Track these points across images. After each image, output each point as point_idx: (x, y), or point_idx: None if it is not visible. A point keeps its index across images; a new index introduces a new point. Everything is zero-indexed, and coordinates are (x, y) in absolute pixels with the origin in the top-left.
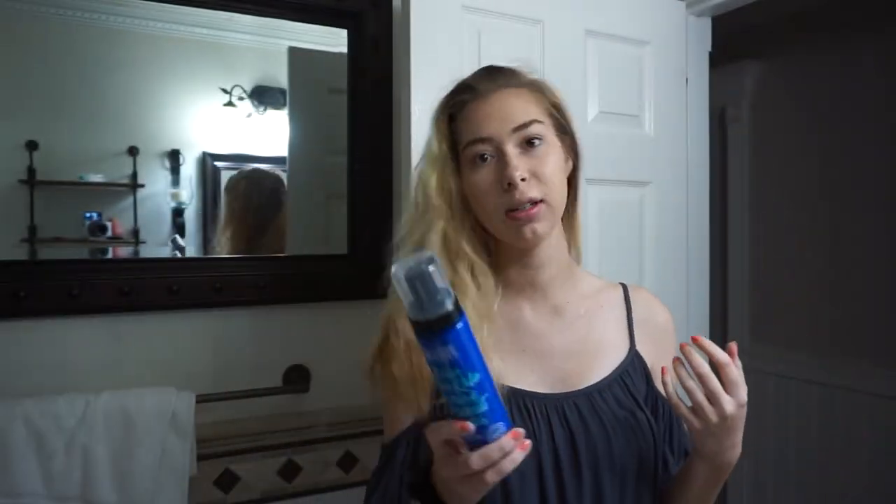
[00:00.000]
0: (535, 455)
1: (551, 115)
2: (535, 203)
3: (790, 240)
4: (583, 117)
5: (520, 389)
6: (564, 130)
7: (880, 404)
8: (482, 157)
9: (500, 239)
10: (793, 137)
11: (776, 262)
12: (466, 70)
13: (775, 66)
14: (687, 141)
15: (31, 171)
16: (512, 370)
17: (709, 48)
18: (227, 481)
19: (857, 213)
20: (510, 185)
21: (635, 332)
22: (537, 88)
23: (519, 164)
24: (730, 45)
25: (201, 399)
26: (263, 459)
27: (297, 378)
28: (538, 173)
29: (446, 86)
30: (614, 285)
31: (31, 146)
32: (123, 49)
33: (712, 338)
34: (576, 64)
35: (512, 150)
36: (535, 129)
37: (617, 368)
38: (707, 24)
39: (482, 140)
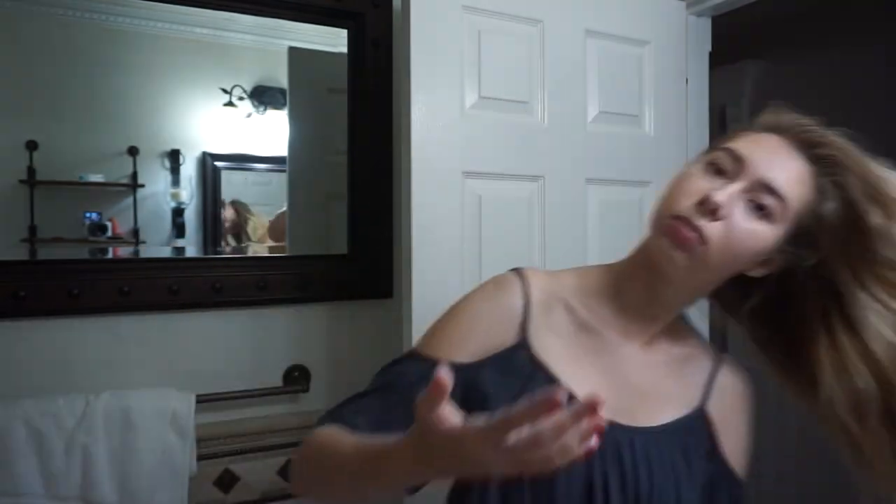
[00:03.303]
0: (586, 477)
1: (802, 217)
2: (699, 234)
3: None
4: (583, 117)
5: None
6: (797, 243)
7: None
8: (719, 164)
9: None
10: None
11: None
12: (466, 70)
13: (775, 66)
14: (687, 141)
15: (31, 171)
16: (587, 382)
17: (709, 48)
18: (227, 481)
19: None
20: (705, 201)
21: (710, 394)
22: (826, 178)
23: (732, 201)
24: (730, 45)
25: (201, 399)
26: (263, 459)
27: (297, 378)
28: (735, 228)
29: (445, 86)
30: (712, 354)
31: (31, 146)
32: (123, 49)
33: (712, 338)
34: (576, 64)
35: (739, 188)
36: (774, 203)
37: (681, 419)
38: (707, 24)
39: (735, 157)
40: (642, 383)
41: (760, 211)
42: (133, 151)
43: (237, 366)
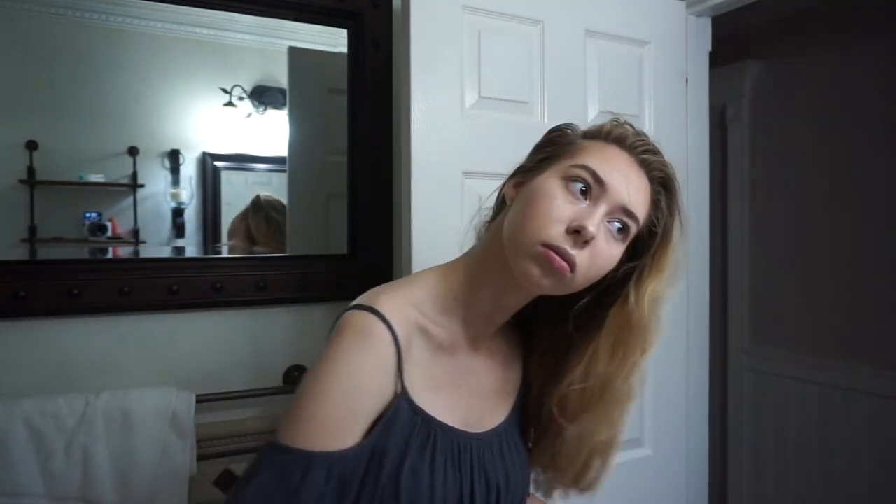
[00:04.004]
0: (457, 491)
1: (645, 228)
2: (571, 264)
3: (790, 239)
4: (583, 117)
5: (450, 427)
6: (637, 252)
7: (880, 404)
8: (580, 184)
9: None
10: (793, 137)
11: (776, 262)
12: (466, 70)
13: (775, 66)
14: (687, 141)
15: (31, 171)
16: (445, 406)
17: (709, 48)
18: (227, 481)
19: (856, 212)
20: (582, 231)
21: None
22: (665, 197)
23: (599, 231)
24: (730, 45)
25: (201, 399)
26: None
27: (297, 378)
28: (599, 254)
29: (445, 86)
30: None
31: (31, 146)
32: (123, 49)
33: (712, 338)
34: (576, 64)
35: (603, 211)
36: (632, 224)
37: (514, 404)
38: (707, 24)
39: (596, 178)
40: (487, 387)
41: (618, 232)
42: (133, 151)
43: (237, 366)
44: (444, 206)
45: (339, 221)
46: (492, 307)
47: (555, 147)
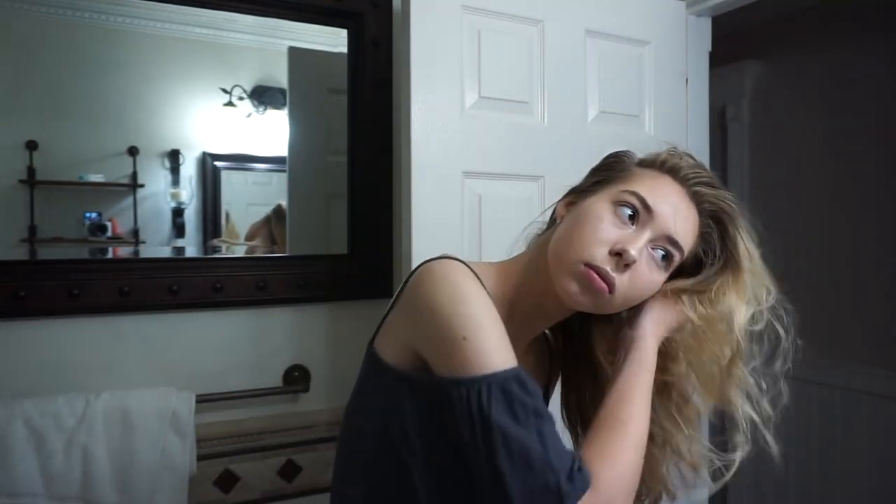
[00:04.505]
0: None
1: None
2: (611, 285)
3: (789, 238)
4: (583, 117)
5: None
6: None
7: (880, 404)
8: (628, 210)
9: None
10: (792, 137)
11: (775, 261)
12: (466, 70)
13: (775, 66)
14: (687, 141)
15: (31, 171)
16: None
17: (709, 48)
18: (227, 481)
19: (856, 212)
20: (624, 255)
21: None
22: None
23: (641, 256)
24: (730, 45)
25: (201, 399)
26: (263, 459)
27: (297, 378)
28: (639, 278)
29: (445, 86)
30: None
31: (31, 146)
32: (123, 49)
33: None
34: (576, 64)
35: (648, 238)
36: (676, 254)
37: None
38: (707, 24)
39: (644, 205)
40: None
41: (662, 259)
42: (133, 151)
43: (237, 366)
44: (444, 205)
45: (339, 221)
46: (534, 311)
47: (609, 172)
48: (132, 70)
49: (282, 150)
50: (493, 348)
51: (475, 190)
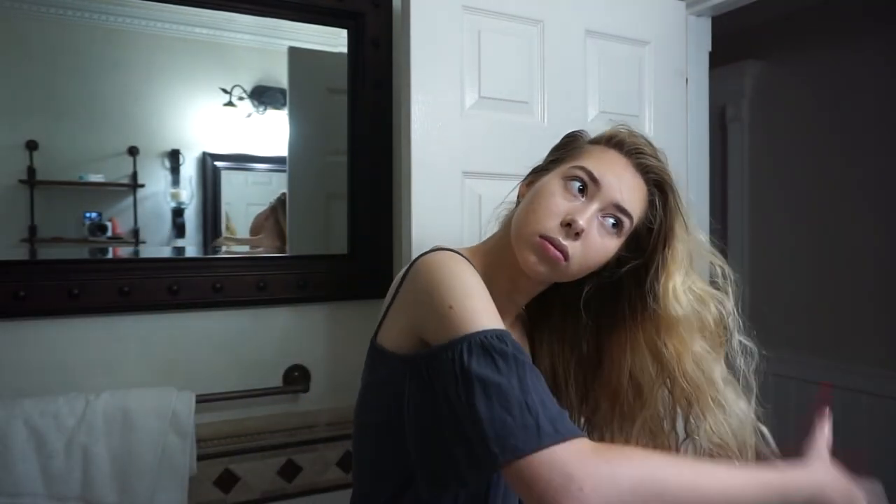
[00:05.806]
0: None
1: (642, 225)
2: (565, 254)
3: (790, 239)
4: (583, 117)
5: None
6: (627, 247)
7: (880, 404)
8: (577, 183)
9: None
10: (793, 137)
11: (776, 262)
12: (466, 70)
13: (775, 66)
14: (687, 141)
15: (31, 171)
16: None
17: (709, 48)
18: (227, 481)
19: (856, 212)
20: (572, 224)
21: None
22: (655, 197)
23: (590, 223)
24: (730, 45)
25: (201, 399)
26: (263, 459)
27: (297, 378)
28: (591, 245)
29: (445, 86)
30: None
31: (31, 146)
32: (123, 49)
33: None
34: (576, 64)
35: (596, 207)
36: (625, 220)
37: None
38: (707, 24)
39: (592, 178)
40: None
41: (612, 227)
42: (133, 151)
43: (237, 366)
44: (444, 205)
45: (339, 221)
46: (509, 286)
47: (563, 151)
48: (132, 70)
49: (282, 150)
50: (476, 311)
51: (475, 190)
